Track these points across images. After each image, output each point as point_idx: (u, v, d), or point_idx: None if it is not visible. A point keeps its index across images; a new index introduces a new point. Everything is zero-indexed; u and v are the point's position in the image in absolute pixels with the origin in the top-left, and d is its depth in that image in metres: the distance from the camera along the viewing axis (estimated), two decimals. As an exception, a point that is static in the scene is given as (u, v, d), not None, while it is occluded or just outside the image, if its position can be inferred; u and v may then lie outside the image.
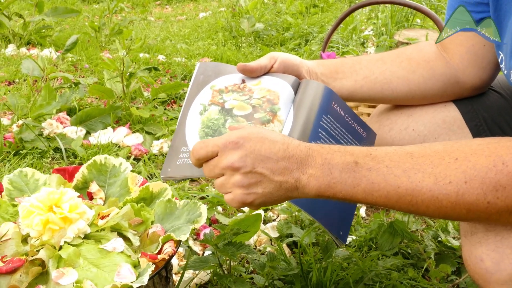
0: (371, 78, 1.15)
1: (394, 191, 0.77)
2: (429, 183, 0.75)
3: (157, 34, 4.27)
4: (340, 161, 0.80)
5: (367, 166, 0.79)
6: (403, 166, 0.78)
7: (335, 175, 0.80)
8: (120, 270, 0.90)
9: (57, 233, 0.95)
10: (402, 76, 1.14)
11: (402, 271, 1.42)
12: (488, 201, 0.73)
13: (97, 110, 2.37)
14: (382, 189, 0.78)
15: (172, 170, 1.01)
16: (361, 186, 0.79)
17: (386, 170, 0.78)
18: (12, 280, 0.87)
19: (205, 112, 1.06)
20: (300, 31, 3.90)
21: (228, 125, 1.02)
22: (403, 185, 0.77)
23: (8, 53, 3.63)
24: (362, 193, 0.79)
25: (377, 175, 0.78)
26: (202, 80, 1.12)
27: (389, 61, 1.15)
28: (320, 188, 0.81)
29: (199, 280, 1.35)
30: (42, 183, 1.14)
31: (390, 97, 1.16)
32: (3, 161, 2.05)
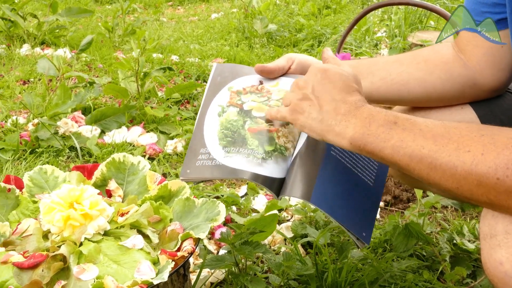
0: (388, 80, 1.15)
1: (418, 150, 0.80)
2: (451, 149, 0.78)
3: (170, 35, 4.29)
4: (382, 118, 0.85)
5: (403, 126, 0.83)
6: (434, 131, 0.81)
7: (372, 128, 0.84)
8: (140, 267, 0.91)
9: (78, 229, 0.96)
10: (419, 77, 1.14)
11: (417, 273, 1.42)
12: (497, 177, 0.74)
13: (112, 109, 2.39)
14: (408, 147, 0.81)
15: (191, 171, 1.01)
16: (391, 142, 0.82)
17: (418, 132, 0.82)
18: (34, 275, 0.88)
19: (224, 113, 1.06)
20: (312, 32, 3.90)
21: (248, 126, 1.03)
22: (428, 146, 0.80)
23: (23, 53, 3.66)
24: (390, 149, 0.82)
25: (408, 134, 0.82)
26: (219, 81, 1.12)
27: (406, 62, 1.15)
28: (354, 136, 0.85)
29: (214, 279, 1.35)
30: (61, 180, 1.15)
31: (407, 98, 1.16)
32: (20, 159, 2.07)
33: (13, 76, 3.14)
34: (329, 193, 0.96)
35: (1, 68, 3.36)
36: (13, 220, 1.06)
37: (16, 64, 3.42)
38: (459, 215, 1.76)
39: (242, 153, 0.99)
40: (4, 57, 3.60)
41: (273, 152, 1.00)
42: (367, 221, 1.03)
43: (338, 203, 0.97)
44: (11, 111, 2.58)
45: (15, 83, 3.03)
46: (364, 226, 1.01)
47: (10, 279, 0.89)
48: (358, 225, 1.00)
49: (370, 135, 0.84)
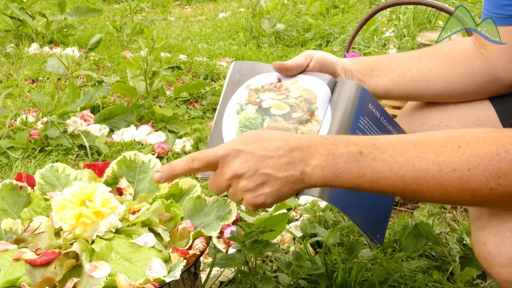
0: (407, 76, 1.14)
1: (400, 179, 0.79)
2: (433, 171, 0.77)
3: (178, 34, 4.30)
4: (345, 151, 0.81)
5: (371, 156, 0.80)
6: (407, 155, 0.79)
7: (340, 165, 0.80)
8: (151, 265, 0.91)
9: (90, 227, 0.96)
10: (439, 73, 1.12)
11: (427, 274, 1.42)
12: (490, 187, 0.75)
13: (121, 108, 2.40)
14: (387, 178, 0.79)
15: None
16: (367, 175, 0.80)
17: (391, 159, 0.79)
18: (46, 272, 0.89)
19: (242, 111, 1.06)
20: (320, 32, 3.90)
21: (267, 124, 1.02)
22: (408, 174, 0.78)
23: (32, 52, 3.67)
24: (368, 182, 0.80)
25: (382, 164, 0.79)
26: (237, 79, 1.11)
27: (426, 58, 1.14)
28: (327, 178, 0.81)
29: (223, 278, 1.35)
30: (72, 178, 1.15)
31: (427, 95, 1.15)
32: (29, 157, 2.08)
33: (22, 75, 3.16)
34: (347, 193, 0.96)
35: (10, 67, 3.38)
36: (25, 218, 1.06)
37: (25, 63, 3.44)
38: (468, 215, 1.75)
39: None
40: (13, 56, 3.62)
41: None
42: (382, 222, 1.03)
43: (356, 203, 0.97)
44: (20, 110, 2.59)
45: (24, 82, 3.04)
46: (379, 227, 1.01)
47: (22, 276, 0.89)
48: (373, 226, 1.00)
49: (343, 173, 0.81)
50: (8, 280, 0.88)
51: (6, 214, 1.06)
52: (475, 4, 4.28)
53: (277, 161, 0.83)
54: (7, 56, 3.61)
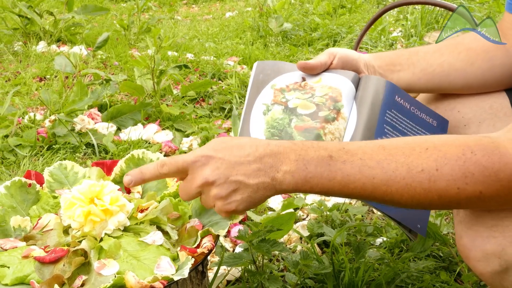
0: (429, 71, 1.14)
1: (369, 182, 0.80)
2: (403, 172, 0.78)
3: (185, 33, 4.30)
4: (315, 156, 0.82)
5: (341, 159, 0.81)
6: (376, 158, 0.80)
7: (310, 169, 0.81)
8: (160, 263, 0.91)
9: (98, 225, 0.96)
10: (460, 68, 1.12)
11: (434, 274, 1.41)
12: (458, 187, 0.77)
13: (128, 106, 2.40)
14: (357, 181, 0.80)
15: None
16: (337, 179, 0.81)
17: (360, 162, 0.80)
18: (55, 269, 0.89)
19: (269, 112, 1.06)
20: (328, 31, 3.89)
21: (294, 124, 1.03)
22: (378, 175, 0.79)
23: (39, 50, 3.68)
24: (338, 185, 0.81)
25: (351, 167, 0.80)
26: (261, 79, 1.10)
27: (447, 52, 1.14)
28: (297, 184, 0.82)
29: (230, 277, 1.36)
30: (81, 176, 1.16)
31: (447, 88, 1.15)
32: (37, 155, 2.08)
33: (30, 73, 3.17)
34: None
35: (18, 65, 3.39)
36: (33, 215, 1.07)
37: (33, 61, 3.45)
38: (476, 216, 1.75)
39: None
40: (20, 54, 3.63)
41: None
42: (421, 212, 1.03)
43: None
44: (28, 108, 2.60)
45: (31, 80, 3.05)
46: (419, 218, 1.01)
47: (31, 273, 0.89)
48: (411, 217, 1.00)
49: (313, 178, 0.82)
50: (17, 277, 0.88)
51: (15, 211, 1.06)
52: (483, 5, 4.27)
53: (248, 168, 0.83)
54: (15, 54, 3.62)
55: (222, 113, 2.60)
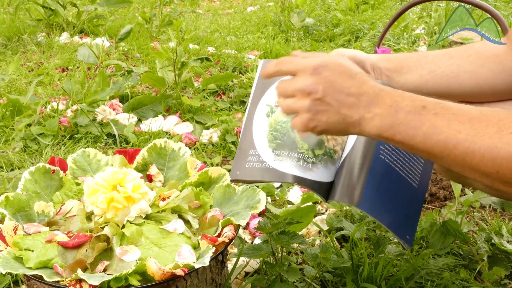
0: (437, 73, 1.12)
1: (454, 136, 0.77)
2: (491, 132, 0.75)
3: (207, 26, 4.31)
4: (409, 104, 0.81)
5: (434, 111, 0.79)
6: (469, 115, 0.78)
7: (400, 116, 0.80)
8: (181, 251, 0.92)
9: (121, 211, 0.97)
10: (469, 70, 1.11)
11: (454, 272, 1.40)
12: None
13: (149, 98, 2.41)
14: (442, 133, 0.78)
15: (241, 173, 1.00)
16: (423, 128, 0.79)
17: (452, 116, 0.78)
18: (78, 254, 0.90)
19: (272, 114, 1.04)
20: (350, 27, 3.87)
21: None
22: (465, 130, 0.77)
23: (62, 41, 3.72)
24: (422, 136, 0.79)
25: (442, 119, 0.78)
26: (268, 80, 1.08)
27: (456, 55, 1.13)
28: (382, 127, 0.81)
29: (248, 269, 1.36)
30: (104, 163, 1.17)
31: (457, 92, 1.13)
32: (59, 144, 2.11)
33: (53, 63, 3.20)
34: (377, 198, 0.96)
35: (41, 55, 3.43)
36: (57, 201, 1.08)
37: (55, 52, 3.49)
38: (497, 215, 1.73)
39: (292, 157, 0.99)
40: (44, 45, 3.67)
41: (322, 155, 1.00)
42: (411, 223, 1.02)
43: (386, 208, 0.97)
44: (50, 98, 2.63)
45: (54, 70, 3.08)
46: (408, 229, 1.00)
47: (54, 258, 0.90)
48: (403, 228, 0.99)
49: (400, 124, 0.80)
50: (41, 261, 0.90)
51: (38, 197, 1.08)
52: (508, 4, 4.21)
53: (345, 98, 0.83)
54: (38, 45, 3.66)
55: (242, 106, 2.60)
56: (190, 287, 0.96)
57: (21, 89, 2.72)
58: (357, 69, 0.88)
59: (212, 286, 1.04)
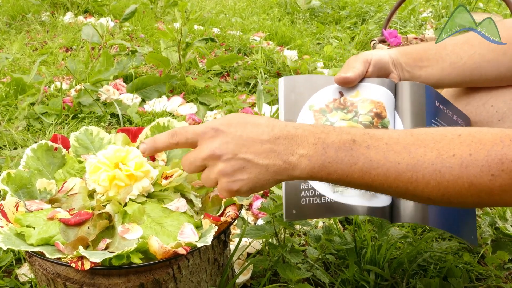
0: (459, 64, 1.08)
1: (394, 167, 0.74)
2: (432, 157, 0.73)
3: (212, 7, 4.28)
4: (336, 140, 0.76)
5: (365, 144, 0.76)
6: (403, 143, 0.75)
7: (330, 154, 0.76)
8: (183, 230, 0.91)
9: (123, 189, 0.97)
10: (492, 59, 1.07)
11: (457, 255, 1.39)
12: (492, 173, 0.70)
13: (153, 78, 2.40)
14: (381, 167, 0.74)
15: (298, 212, 0.93)
16: (359, 164, 0.75)
17: (386, 147, 0.75)
18: (80, 231, 0.89)
19: None
20: (356, 10, 3.83)
21: None
22: (404, 160, 0.74)
23: (66, 21, 3.70)
24: (359, 172, 0.75)
25: (376, 152, 0.75)
26: (294, 99, 1.00)
27: (477, 43, 1.08)
28: (314, 169, 0.76)
29: (251, 250, 1.35)
30: (106, 142, 1.16)
31: (479, 81, 1.10)
32: (62, 123, 2.10)
33: (57, 43, 3.18)
34: (442, 210, 0.93)
35: (45, 35, 3.41)
36: (59, 179, 1.07)
37: (60, 32, 3.47)
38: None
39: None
40: (48, 24, 3.65)
41: None
42: (471, 223, 1.01)
43: (451, 217, 0.95)
44: (54, 77, 2.62)
45: (58, 50, 3.07)
46: (471, 229, 0.99)
47: (56, 235, 0.90)
48: (467, 230, 0.98)
49: (332, 163, 0.76)
50: (43, 238, 0.89)
51: (41, 174, 1.07)
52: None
53: (260, 147, 0.78)
54: (43, 24, 3.64)
55: (247, 88, 2.58)
56: (192, 266, 0.96)
57: (24, 68, 2.71)
58: (258, 116, 0.81)
59: (214, 266, 1.03)
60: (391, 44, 1.75)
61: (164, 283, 0.91)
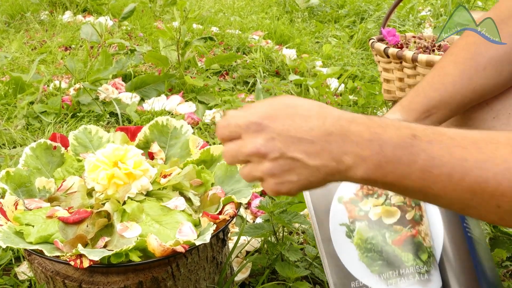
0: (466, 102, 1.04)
1: (460, 165, 0.63)
2: (505, 153, 0.62)
3: (211, 6, 4.28)
4: (394, 135, 0.66)
5: (427, 139, 0.65)
6: (471, 138, 0.65)
7: (387, 153, 0.66)
8: (181, 228, 0.91)
9: (122, 188, 0.97)
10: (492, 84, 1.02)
11: (455, 253, 1.40)
12: None
13: (152, 77, 2.40)
14: (445, 164, 0.64)
15: None
16: (419, 163, 0.65)
17: (451, 142, 0.65)
18: (78, 230, 0.90)
19: (353, 232, 0.91)
20: (355, 8, 3.84)
21: (390, 239, 0.90)
22: (472, 156, 0.63)
23: (65, 20, 3.70)
24: (419, 171, 0.65)
25: (439, 147, 0.65)
26: (321, 195, 0.95)
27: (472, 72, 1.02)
28: (368, 170, 0.67)
29: (249, 248, 1.36)
30: (105, 140, 1.16)
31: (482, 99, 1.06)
32: (61, 122, 2.10)
33: (56, 42, 3.18)
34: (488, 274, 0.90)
35: (44, 34, 3.41)
36: (58, 177, 1.08)
37: (58, 31, 3.47)
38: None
39: (407, 275, 0.88)
40: (47, 23, 3.65)
41: (429, 258, 0.90)
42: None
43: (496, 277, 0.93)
44: (53, 76, 2.62)
45: (57, 49, 3.06)
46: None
47: (55, 233, 0.90)
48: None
49: (389, 163, 0.66)
50: (42, 236, 0.90)
51: (40, 172, 1.08)
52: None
53: (310, 145, 0.68)
54: (41, 23, 3.64)
55: (245, 86, 2.59)
56: (190, 264, 0.96)
57: (23, 67, 2.71)
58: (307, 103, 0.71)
59: (213, 264, 1.04)
60: (389, 43, 1.75)
61: (163, 281, 0.91)
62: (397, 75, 1.69)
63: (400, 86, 1.70)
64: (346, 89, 2.50)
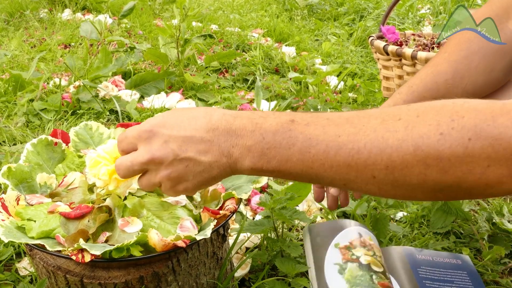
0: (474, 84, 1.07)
1: (334, 141, 0.66)
2: (375, 124, 0.64)
3: (210, 4, 4.28)
4: (274, 123, 0.70)
5: (304, 122, 0.68)
6: (346, 116, 0.68)
7: (268, 140, 0.69)
8: (182, 223, 0.92)
9: (123, 183, 0.97)
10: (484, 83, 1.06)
11: (454, 250, 1.40)
12: (441, 132, 0.60)
13: (152, 74, 2.41)
14: (320, 143, 0.66)
15: None
16: (297, 145, 0.68)
17: (326, 122, 0.67)
18: (80, 225, 0.90)
19: (345, 270, 1.05)
20: (354, 6, 3.84)
21: (377, 281, 1.03)
22: (345, 131, 0.65)
23: (64, 18, 3.70)
24: (298, 153, 0.68)
25: (315, 128, 0.67)
26: (321, 241, 1.14)
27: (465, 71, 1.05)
28: (253, 158, 0.71)
29: (249, 244, 1.36)
30: (106, 136, 1.17)
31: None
32: (61, 119, 2.11)
33: (55, 40, 3.19)
34: None
35: (43, 31, 3.41)
36: (59, 173, 1.08)
37: (58, 28, 3.47)
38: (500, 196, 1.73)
39: None
40: (46, 21, 3.65)
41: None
42: None
43: None
44: (53, 74, 2.62)
45: (56, 46, 3.07)
46: None
47: (57, 228, 0.91)
48: None
49: (270, 149, 0.69)
50: (43, 231, 0.90)
51: (41, 168, 1.08)
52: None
53: (200, 143, 0.72)
54: (41, 21, 3.64)
55: (245, 84, 2.59)
56: (191, 259, 0.96)
57: (23, 65, 2.71)
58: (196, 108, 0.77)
59: (213, 259, 1.04)
60: (389, 40, 1.76)
61: (164, 276, 0.92)
62: (397, 73, 1.69)
63: (400, 84, 1.70)
64: (346, 86, 2.51)
